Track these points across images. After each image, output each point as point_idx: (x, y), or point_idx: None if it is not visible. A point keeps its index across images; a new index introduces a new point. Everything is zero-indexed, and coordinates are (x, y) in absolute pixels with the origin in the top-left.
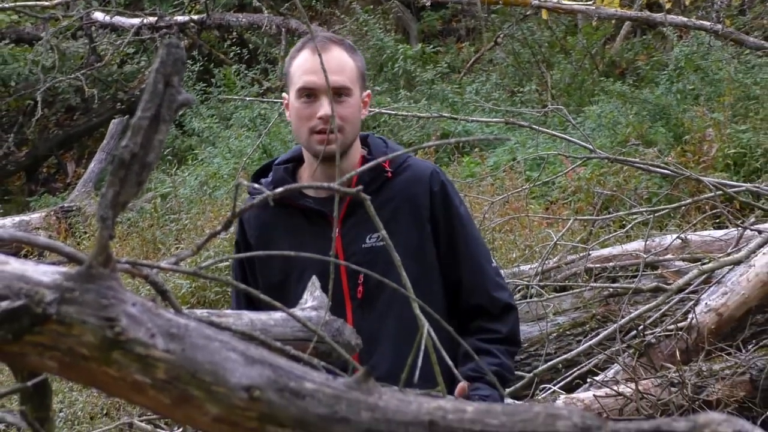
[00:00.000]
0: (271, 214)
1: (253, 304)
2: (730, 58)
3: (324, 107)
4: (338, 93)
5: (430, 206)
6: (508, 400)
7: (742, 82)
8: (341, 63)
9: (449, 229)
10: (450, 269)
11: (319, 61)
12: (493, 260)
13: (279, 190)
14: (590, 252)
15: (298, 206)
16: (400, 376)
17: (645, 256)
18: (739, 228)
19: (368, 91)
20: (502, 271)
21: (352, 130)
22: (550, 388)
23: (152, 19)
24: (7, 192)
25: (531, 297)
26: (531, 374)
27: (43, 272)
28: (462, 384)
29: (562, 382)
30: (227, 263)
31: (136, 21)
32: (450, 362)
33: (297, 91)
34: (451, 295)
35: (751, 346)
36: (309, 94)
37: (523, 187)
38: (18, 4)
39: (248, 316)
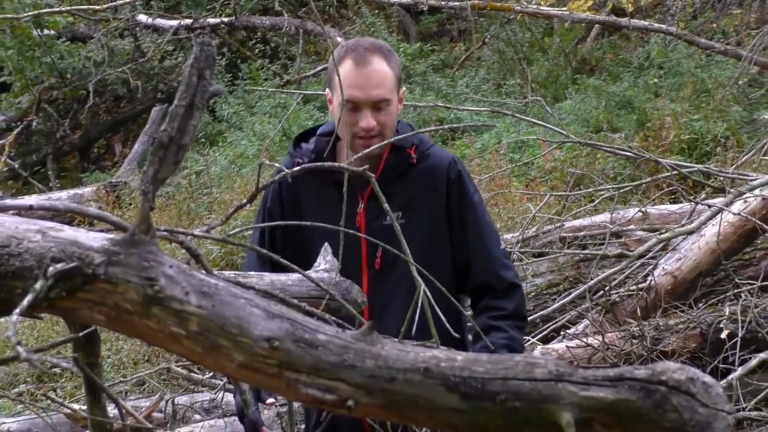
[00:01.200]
0: (305, 182)
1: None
2: (689, 56)
3: (367, 118)
4: (379, 105)
5: (446, 192)
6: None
7: (699, 76)
8: (382, 76)
9: (462, 214)
10: (461, 250)
11: (363, 75)
12: (501, 243)
13: (296, 169)
14: (564, 223)
15: (331, 179)
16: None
17: (611, 226)
18: (692, 203)
19: (403, 89)
20: (509, 254)
21: (389, 134)
22: (529, 340)
23: (188, 21)
24: (63, 169)
25: (513, 261)
26: None
27: (93, 238)
28: None
29: (540, 335)
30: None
31: (174, 22)
32: (450, 329)
33: (342, 102)
34: (460, 274)
35: (701, 305)
36: (353, 106)
37: (507, 167)
38: (73, 8)
39: (269, 277)
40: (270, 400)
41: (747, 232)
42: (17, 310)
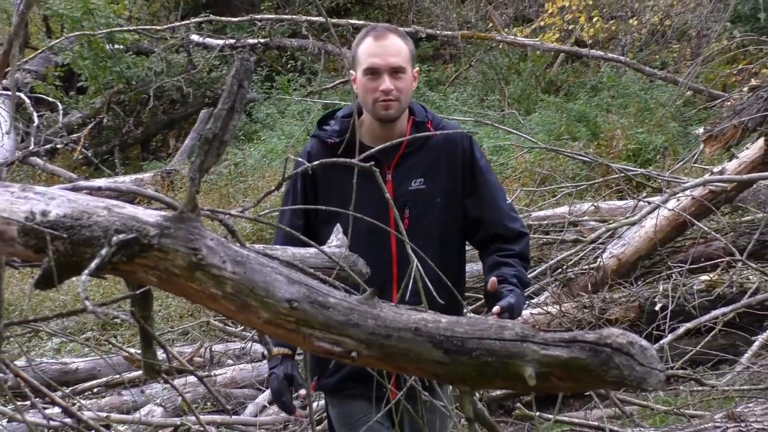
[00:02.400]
0: (333, 157)
1: (308, 234)
2: (635, 81)
3: (386, 83)
4: (396, 71)
5: (461, 159)
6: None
7: (643, 97)
8: (398, 47)
9: (473, 176)
10: (473, 206)
11: (381, 46)
12: (508, 199)
13: (315, 163)
14: (531, 213)
15: (359, 148)
16: (435, 287)
17: (569, 217)
18: (635, 200)
19: (416, 68)
20: (515, 207)
21: (406, 99)
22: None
23: (231, 41)
24: (127, 158)
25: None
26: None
27: (150, 214)
28: (493, 279)
29: None
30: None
31: (220, 42)
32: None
33: (363, 71)
34: (471, 228)
35: (640, 282)
36: (373, 72)
37: None
38: (139, 27)
39: (291, 250)
40: (299, 412)
41: (679, 225)
42: (86, 271)
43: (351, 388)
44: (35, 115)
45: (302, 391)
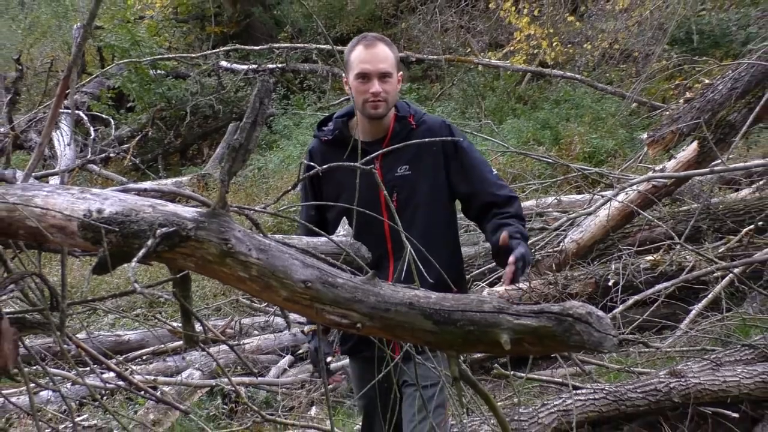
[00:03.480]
0: (332, 152)
1: (320, 224)
2: (590, 95)
3: (375, 86)
4: (384, 76)
5: (442, 146)
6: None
7: (596, 109)
8: (386, 54)
9: (458, 159)
10: (463, 184)
11: (371, 54)
12: (494, 170)
13: (324, 167)
14: None
15: (352, 144)
16: (425, 268)
17: (536, 209)
18: (591, 194)
19: (401, 72)
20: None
21: (392, 99)
22: (480, 285)
23: (254, 66)
24: (169, 164)
25: (469, 230)
26: (469, 276)
27: (187, 211)
28: (504, 234)
29: (487, 281)
30: (295, 208)
31: (244, 67)
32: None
33: (355, 75)
34: (468, 203)
35: (596, 263)
36: (364, 76)
37: None
38: (177, 55)
39: (305, 239)
40: (334, 377)
41: (627, 214)
42: (135, 259)
43: (362, 350)
44: (92, 129)
45: (329, 359)
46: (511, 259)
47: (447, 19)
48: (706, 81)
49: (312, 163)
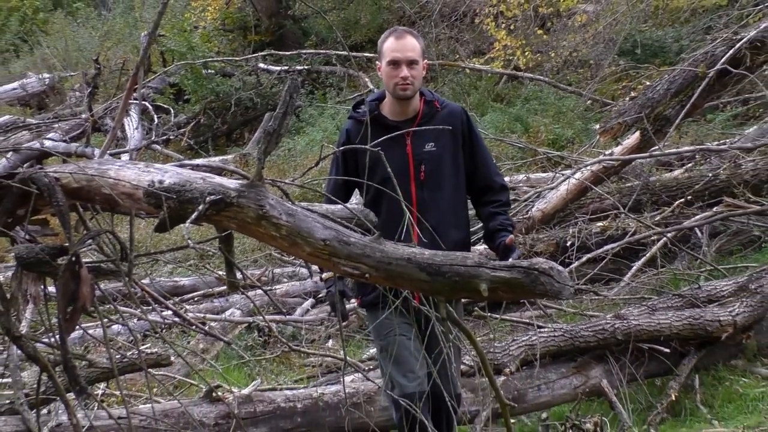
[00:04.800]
0: (367, 130)
1: (348, 192)
2: (554, 94)
3: (404, 71)
4: (411, 63)
5: (461, 128)
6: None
7: (558, 105)
8: (413, 45)
9: (470, 141)
10: (470, 162)
11: (401, 44)
12: (493, 159)
13: (369, 146)
14: None
15: (384, 124)
16: (445, 227)
17: (509, 184)
18: (554, 173)
19: (426, 60)
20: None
21: (418, 83)
22: None
23: (285, 68)
24: (217, 145)
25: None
26: None
27: (231, 182)
28: (510, 238)
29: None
30: (317, 182)
31: (278, 68)
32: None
33: (387, 62)
34: (470, 179)
35: (557, 227)
36: (395, 63)
37: None
38: (224, 59)
39: (325, 206)
40: (351, 318)
41: (582, 189)
42: (189, 221)
43: (383, 303)
44: (155, 116)
45: (353, 301)
46: (509, 239)
47: (440, 31)
48: (647, 83)
49: (347, 133)
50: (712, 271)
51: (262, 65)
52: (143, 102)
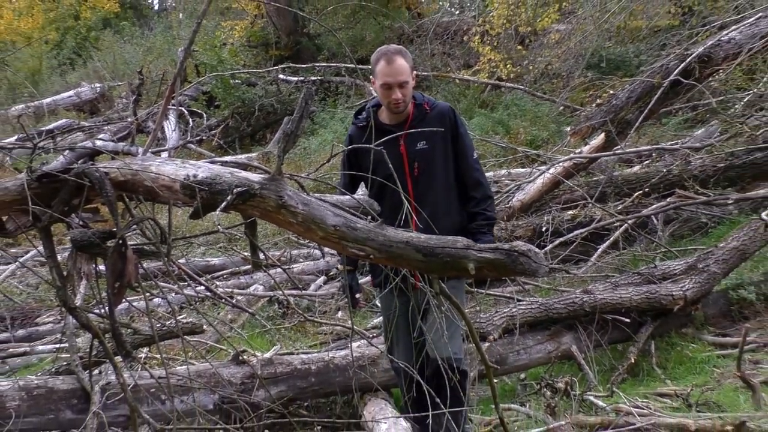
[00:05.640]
0: (367, 132)
1: (355, 186)
2: (531, 101)
3: (396, 93)
4: (402, 85)
5: (450, 127)
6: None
7: (535, 110)
8: (403, 67)
9: (456, 139)
10: (456, 159)
11: (392, 68)
12: (475, 154)
13: (372, 145)
14: None
15: (381, 127)
16: (439, 215)
17: (493, 178)
18: (531, 168)
19: (415, 72)
20: (479, 159)
21: (409, 98)
22: None
23: (301, 78)
24: (243, 145)
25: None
26: None
27: (254, 177)
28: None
29: None
30: (329, 177)
31: (295, 78)
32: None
33: (381, 84)
34: (455, 171)
35: (534, 215)
36: (388, 87)
37: None
38: (249, 71)
39: (335, 197)
40: (361, 304)
41: (556, 183)
42: (219, 209)
43: (385, 283)
44: (190, 120)
45: (358, 295)
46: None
47: (434, 47)
48: (611, 92)
49: (351, 138)
50: (666, 253)
51: (281, 76)
52: (180, 107)
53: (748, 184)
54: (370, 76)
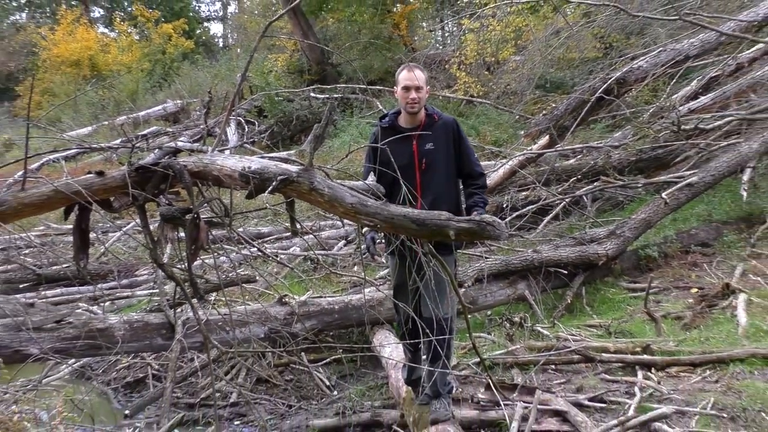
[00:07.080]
0: (388, 133)
1: (375, 174)
2: (495, 112)
3: (412, 94)
4: (418, 89)
5: (453, 134)
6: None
7: (498, 119)
8: (420, 76)
9: (459, 143)
10: (458, 158)
11: (411, 75)
12: (475, 154)
13: (389, 139)
14: None
15: (399, 130)
16: (439, 200)
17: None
18: (496, 162)
19: (428, 87)
20: (478, 158)
21: (423, 102)
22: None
23: (326, 96)
24: (284, 145)
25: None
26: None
27: (293, 168)
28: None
29: None
30: (352, 169)
31: (322, 96)
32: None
33: (401, 87)
34: (459, 169)
35: (497, 195)
36: (406, 89)
37: None
38: (289, 90)
39: (352, 183)
40: (377, 258)
41: (513, 172)
42: (266, 192)
43: (392, 251)
44: (246, 126)
45: (375, 255)
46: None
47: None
48: (553, 105)
49: (377, 133)
50: (593, 223)
51: (312, 94)
52: (238, 117)
53: (653, 172)
54: (394, 87)
